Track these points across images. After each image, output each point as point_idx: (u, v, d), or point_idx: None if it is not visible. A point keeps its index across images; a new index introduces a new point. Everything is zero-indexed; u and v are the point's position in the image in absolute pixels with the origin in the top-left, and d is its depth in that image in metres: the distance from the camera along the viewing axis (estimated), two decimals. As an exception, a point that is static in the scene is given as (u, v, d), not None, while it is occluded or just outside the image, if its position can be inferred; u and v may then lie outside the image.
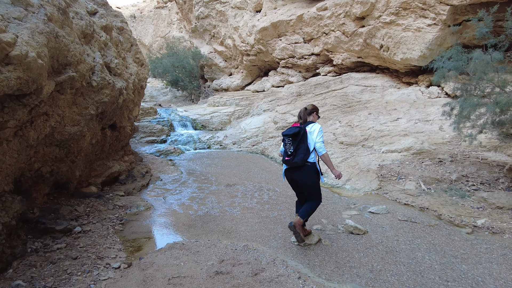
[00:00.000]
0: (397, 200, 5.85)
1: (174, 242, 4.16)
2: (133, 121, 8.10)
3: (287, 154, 3.91)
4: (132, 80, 7.96)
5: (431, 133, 8.85)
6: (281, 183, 7.08)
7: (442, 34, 11.00)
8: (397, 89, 12.83)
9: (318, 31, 14.80)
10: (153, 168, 8.20)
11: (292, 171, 4.00)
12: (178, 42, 22.84)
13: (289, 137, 3.89)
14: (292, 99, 13.99)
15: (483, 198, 5.40)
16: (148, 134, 12.24)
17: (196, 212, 5.48)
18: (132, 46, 9.33)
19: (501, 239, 4.39)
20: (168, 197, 6.29)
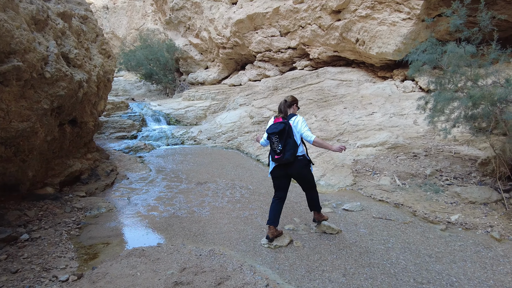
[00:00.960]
0: (372, 196, 5.69)
1: (133, 248, 3.80)
2: (97, 116, 7.58)
3: (276, 153, 3.75)
4: (96, 73, 7.44)
5: (405, 127, 8.79)
6: (254, 180, 6.79)
7: (416, 28, 10.97)
8: (373, 83, 12.79)
9: (294, 24, 14.54)
10: (119, 166, 7.73)
11: (286, 167, 3.87)
12: (153, 35, 22.05)
13: (275, 135, 3.72)
14: (268, 93, 13.71)
15: (456, 193, 5.31)
16: (118, 129, 11.66)
17: (161, 213, 5.11)
18: (98, 36, 8.75)
19: (474, 235, 4.28)
20: (133, 197, 5.88)
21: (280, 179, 4.03)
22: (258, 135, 4.43)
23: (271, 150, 3.90)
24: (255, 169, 7.73)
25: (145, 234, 4.39)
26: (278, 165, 3.91)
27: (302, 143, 3.94)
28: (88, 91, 6.43)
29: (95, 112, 7.34)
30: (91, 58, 7.65)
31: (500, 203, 5.01)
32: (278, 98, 12.73)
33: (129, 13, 29.91)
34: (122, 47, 22.73)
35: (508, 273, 3.43)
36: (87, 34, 7.75)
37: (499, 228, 4.40)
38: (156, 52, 19.37)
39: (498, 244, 4.03)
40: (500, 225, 4.46)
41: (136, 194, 6.04)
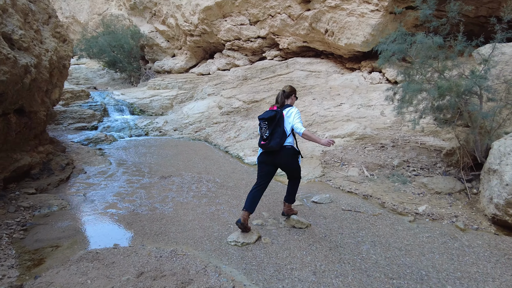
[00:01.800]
0: (341, 188, 5.60)
1: (86, 251, 3.42)
2: (50, 106, 6.93)
3: (263, 138, 3.77)
4: (49, 57, 6.78)
5: (373, 118, 8.83)
6: (222, 173, 6.51)
7: (384, 20, 11.01)
8: (341, 74, 12.80)
9: (264, 13, 14.20)
10: (77, 159, 7.16)
11: (273, 155, 3.82)
12: (117, 21, 20.84)
13: (264, 120, 3.72)
14: (238, 83, 13.37)
15: (423, 183, 5.33)
16: (77, 120, 10.90)
17: (120, 211, 4.72)
18: (51, 18, 7.99)
19: (440, 225, 4.28)
20: (90, 193, 5.42)
21: (264, 166, 3.94)
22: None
23: (260, 136, 3.87)
24: (223, 161, 7.44)
25: (101, 234, 4.01)
26: (265, 151, 3.87)
27: (292, 134, 3.88)
28: (37, 77, 5.82)
29: (47, 101, 6.70)
30: (42, 41, 6.96)
31: (463, 192, 5.08)
32: (248, 88, 12.45)
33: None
34: (83, 33, 21.34)
35: (474, 263, 3.41)
36: (36, 14, 7.01)
37: (463, 218, 4.43)
38: (120, 39, 18.31)
39: (463, 234, 4.04)
40: (464, 215, 4.50)
41: (94, 190, 5.57)
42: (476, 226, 4.24)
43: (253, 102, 11.25)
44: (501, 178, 4.10)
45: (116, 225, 4.28)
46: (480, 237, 3.98)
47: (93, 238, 3.89)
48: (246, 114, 10.70)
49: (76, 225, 4.23)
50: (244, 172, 6.55)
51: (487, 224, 4.28)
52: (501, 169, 4.15)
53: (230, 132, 9.42)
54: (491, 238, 3.95)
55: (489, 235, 4.02)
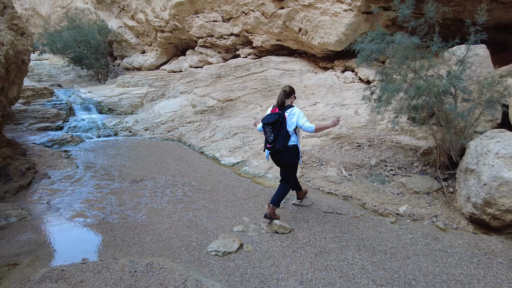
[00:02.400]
0: (320, 189, 5.49)
1: (50, 268, 3.04)
2: (5, 105, 6.31)
3: (268, 142, 3.96)
4: (4, 52, 6.18)
5: (347, 117, 8.84)
6: (198, 175, 6.22)
7: (357, 20, 11.07)
8: (314, 73, 12.80)
9: (237, 10, 13.93)
10: (40, 163, 6.60)
11: (276, 155, 4.05)
12: (82, 14, 19.73)
13: (269, 125, 3.87)
14: (211, 81, 13.03)
15: (401, 183, 5.32)
16: (40, 119, 10.15)
17: (88, 220, 4.34)
18: (6, 8, 7.31)
19: (421, 226, 4.25)
20: (55, 200, 4.96)
21: (278, 165, 4.27)
22: (257, 120, 4.51)
23: (265, 138, 4.03)
24: (198, 162, 7.14)
25: (67, 247, 3.63)
26: (271, 152, 4.08)
27: (295, 133, 4.04)
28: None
29: (3, 100, 6.09)
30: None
31: (440, 192, 5.12)
32: (222, 86, 12.15)
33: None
34: (45, 27, 20.06)
35: (457, 264, 3.38)
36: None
37: (443, 217, 4.44)
38: (86, 34, 17.33)
39: (444, 234, 4.03)
40: (443, 215, 4.51)
41: (59, 197, 5.11)
42: (456, 225, 4.25)
43: (228, 101, 10.97)
44: (479, 177, 4.12)
45: (84, 236, 3.91)
46: (460, 236, 3.98)
47: (58, 253, 3.50)
48: (221, 113, 10.41)
49: (39, 238, 3.81)
50: (221, 174, 6.29)
51: (465, 223, 4.30)
52: (479, 169, 4.17)
53: (205, 132, 9.10)
54: (470, 237, 3.96)
55: (468, 234, 4.03)
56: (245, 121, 9.33)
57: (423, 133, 7.11)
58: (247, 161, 6.90)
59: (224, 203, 4.85)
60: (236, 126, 9.05)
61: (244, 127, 8.96)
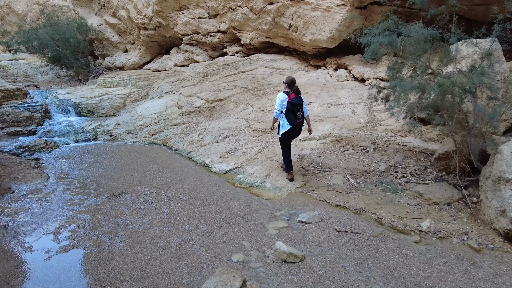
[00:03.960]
0: (327, 201, 4.74)
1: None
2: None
3: (299, 118, 5.01)
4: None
5: (345, 118, 8.15)
6: (187, 186, 5.36)
7: (350, 15, 10.40)
8: (306, 72, 12.09)
9: (224, 6, 13.07)
10: (3, 174, 5.62)
11: (296, 129, 5.16)
12: (61, 12, 18.38)
13: (301, 105, 5.02)
14: (198, 80, 12.13)
15: (418, 192, 4.63)
16: (10, 123, 9.06)
17: (54, 248, 3.46)
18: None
19: (452, 246, 3.56)
20: (15, 223, 4.04)
21: (291, 137, 5.29)
22: (271, 126, 5.54)
23: (291, 116, 4.97)
24: (186, 170, 6.28)
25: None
26: (293, 127, 5.05)
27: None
28: None
29: None
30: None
31: (462, 202, 4.46)
32: (210, 86, 11.28)
33: (29, -15, 24.96)
34: (20, 24, 18.64)
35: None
36: None
37: (474, 234, 3.76)
38: (65, 32, 16.04)
39: (481, 257, 3.35)
40: (473, 231, 3.83)
41: (21, 218, 4.18)
42: (491, 245, 3.57)
43: (217, 101, 10.13)
44: (520, 189, 3.46)
45: (45, 274, 3.03)
46: (501, 259, 3.30)
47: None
48: (210, 114, 9.56)
49: (-17, 280, 2.93)
50: (213, 184, 5.46)
51: (500, 241, 3.63)
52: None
53: (193, 135, 8.24)
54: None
55: (509, 256, 3.36)
56: (236, 123, 8.51)
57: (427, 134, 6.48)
58: (241, 168, 6.09)
59: (219, 222, 4.04)
60: (227, 128, 8.23)
61: (236, 129, 8.15)
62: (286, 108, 4.96)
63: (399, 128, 7.21)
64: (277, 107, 5.02)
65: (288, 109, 4.94)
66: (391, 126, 7.37)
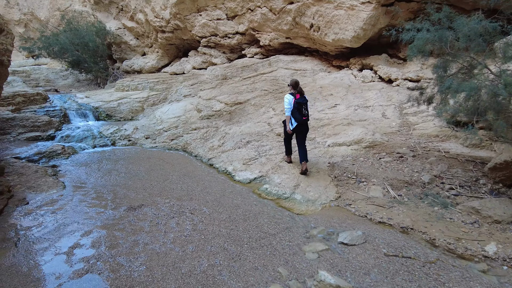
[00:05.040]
0: (368, 217, 4.17)
1: None
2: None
3: (304, 115, 5.28)
4: (-29, 50, 4.88)
5: (375, 121, 7.53)
6: (210, 197, 4.89)
7: (376, 13, 9.77)
8: (328, 73, 11.50)
9: (242, 6, 12.64)
10: (19, 184, 5.30)
11: (305, 124, 5.43)
12: (81, 17, 18.40)
13: (306, 104, 5.32)
14: (217, 83, 11.71)
15: (473, 208, 4.01)
16: (30, 128, 8.84)
17: (66, 273, 3.04)
18: (-19, 1, 6.02)
19: (528, 278, 2.95)
20: (28, 239, 3.66)
21: (299, 133, 5.44)
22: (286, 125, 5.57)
23: (297, 114, 5.25)
24: (208, 179, 5.82)
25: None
26: (299, 124, 5.32)
27: None
28: None
29: None
30: (-38, 29, 5.05)
31: (528, 220, 3.82)
32: (229, 89, 10.84)
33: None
34: (42, 30, 18.75)
35: None
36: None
37: (552, 262, 3.14)
38: (84, 36, 15.99)
39: None
40: (550, 258, 3.20)
41: (33, 235, 3.80)
42: None
43: (237, 104, 9.66)
44: None
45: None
46: None
47: None
48: (230, 118, 9.10)
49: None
50: (238, 195, 4.97)
51: None
52: None
53: (213, 140, 7.79)
54: None
55: None
56: (258, 127, 8.02)
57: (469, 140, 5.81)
58: (266, 176, 5.59)
59: (248, 243, 3.54)
60: (248, 133, 7.74)
61: (257, 134, 7.65)
62: (292, 107, 5.32)
63: (436, 133, 6.56)
64: (287, 106, 5.36)
65: (295, 108, 5.28)
66: (427, 131, 6.72)
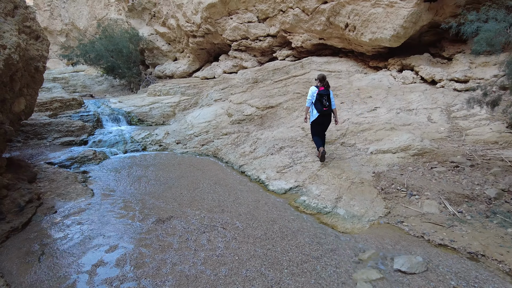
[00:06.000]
0: (426, 237, 3.56)
1: None
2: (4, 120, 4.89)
3: (325, 106, 5.50)
4: (5, 56, 4.81)
5: (420, 126, 6.82)
6: (243, 209, 4.46)
7: (418, 9, 9.02)
8: (364, 74, 10.80)
9: (274, 8, 12.24)
10: (49, 191, 5.16)
11: (327, 115, 5.63)
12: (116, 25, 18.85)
13: (328, 95, 5.54)
14: (248, 87, 11.35)
15: (559, 232, 3.30)
16: (64, 133, 8.90)
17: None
18: (18, 8, 6.04)
19: None
20: (53, 251, 3.41)
21: (321, 124, 5.68)
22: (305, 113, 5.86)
23: (318, 105, 5.50)
24: (240, 187, 5.41)
25: None
26: (321, 115, 5.54)
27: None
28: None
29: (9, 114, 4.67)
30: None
31: None
32: (260, 92, 10.45)
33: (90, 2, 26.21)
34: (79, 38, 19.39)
35: None
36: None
37: None
38: (118, 43, 16.29)
39: None
40: None
41: (58, 249, 3.55)
42: None
43: (268, 108, 9.24)
44: None
45: None
46: None
47: None
48: (261, 123, 8.68)
49: None
50: (273, 207, 4.52)
51: None
52: None
53: (244, 146, 7.41)
54: None
55: None
56: (291, 132, 7.54)
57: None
58: (303, 187, 5.09)
59: (288, 267, 3.07)
60: (281, 138, 7.28)
61: (291, 139, 7.18)
62: (315, 98, 5.56)
63: (495, 139, 5.77)
64: (309, 97, 5.66)
65: (317, 99, 5.53)
66: (483, 136, 5.94)
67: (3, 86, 4.88)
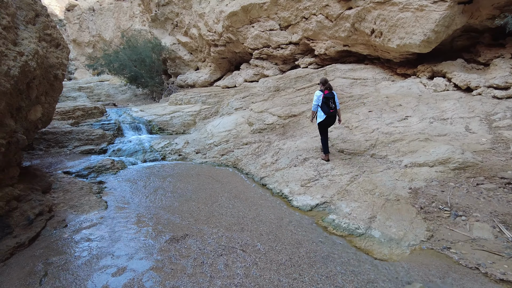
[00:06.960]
0: (482, 269, 2.98)
1: None
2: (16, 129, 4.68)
3: (331, 108, 5.83)
4: (22, 63, 4.64)
5: (458, 136, 6.17)
6: (265, 228, 4.01)
7: (451, 12, 8.38)
8: (392, 81, 10.18)
9: (296, 15, 11.88)
10: (62, 202, 4.92)
11: (330, 118, 5.93)
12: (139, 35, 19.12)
13: (333, 98, 5.89)
14: (269, 95, 10.98)
15: None
16: (85, 142, 8.80)
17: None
18: (39, 16, 5.96)
19: None
20: (56, 273, 3.08)
21: (328, 125, 6.03)
22: (311, 117, 6.26)
23: (325, 107, 5.84)
24: (261, 202, 4.97)
25: None
26: (328, 116, 5.87)
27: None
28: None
29: (12, 124, 4.46)
30: (16, 42, 4.86)
31: None
32: (282, 101, 10.03)
33: (115, 14, 26.97)
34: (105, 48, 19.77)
35: None
36: (10, 8, 4.92)
37: None
38: (141, 52, 16.44)
39: None
40: None
41: (62, 269, 3.22)
42: None
43: (290, 117, 8.80)
44: None
45: None
46: None
47: None
48: (283, 132, 8.24)
49: None
50: (298, 227, 4.04)
51: None
52: None
53: (266, 156, 6.98)
54: None
55: None
56: (316, 142, 7.06)
57: None
58: (331, 203, 4.59)
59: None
60: (305, 149, 6.81)
61: (315, 149, 6.69)
62: (321, 102, 5.87)
63: (549, 152, 5.06)
64: (315, 102, 5.96)
65: (323, 102, 5.83)
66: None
67: (19, 93, 4.70)
